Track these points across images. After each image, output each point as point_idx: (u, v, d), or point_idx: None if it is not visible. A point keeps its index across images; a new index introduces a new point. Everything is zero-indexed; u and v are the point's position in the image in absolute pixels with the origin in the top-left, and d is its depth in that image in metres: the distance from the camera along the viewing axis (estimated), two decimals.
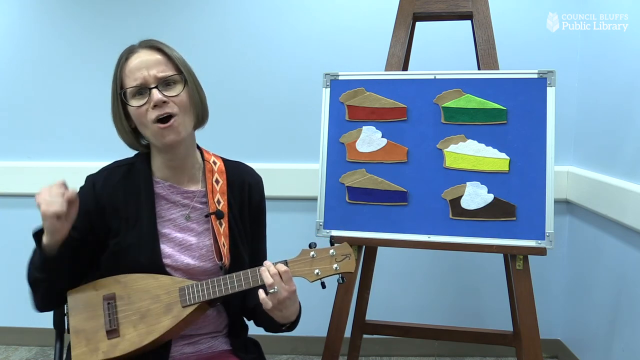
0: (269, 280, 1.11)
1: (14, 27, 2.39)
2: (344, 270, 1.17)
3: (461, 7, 1.70)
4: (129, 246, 1.19)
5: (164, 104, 1.14)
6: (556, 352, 2.41)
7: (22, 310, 2.60)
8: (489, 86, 1.56)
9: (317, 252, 1.17)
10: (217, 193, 1.26)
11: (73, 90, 2.39)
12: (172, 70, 1.18)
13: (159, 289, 1.17)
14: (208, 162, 1.29)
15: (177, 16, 2.34)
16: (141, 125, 1.18)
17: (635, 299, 1.82)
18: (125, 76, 1.18)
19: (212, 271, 1.24)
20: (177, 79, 1.18)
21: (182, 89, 1.18)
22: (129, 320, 1.17)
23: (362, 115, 1.63)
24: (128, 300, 1.18)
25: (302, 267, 1.16)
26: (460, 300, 2.43)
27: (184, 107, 1.18)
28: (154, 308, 1.16)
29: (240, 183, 1.31)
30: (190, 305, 1.16)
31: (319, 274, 1.16)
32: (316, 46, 2.32)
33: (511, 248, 1.51)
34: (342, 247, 1.18)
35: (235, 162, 1.35)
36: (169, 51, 1.20)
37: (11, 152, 2.44)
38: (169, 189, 1.24)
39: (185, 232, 1.24)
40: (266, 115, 2.36)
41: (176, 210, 1.24)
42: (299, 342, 2.45)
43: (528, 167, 1.51)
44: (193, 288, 1.16)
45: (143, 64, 1.16)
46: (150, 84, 1.15)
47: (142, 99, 1.16)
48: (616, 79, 1.96)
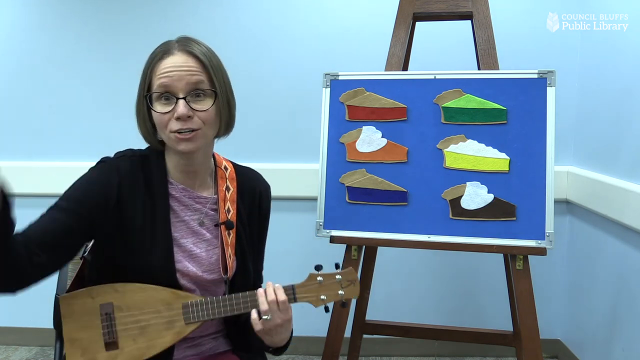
0: (264, 306, 1.10)
1: (14, 27, 2.39)
2: (348, 296, 1.19)
3: (461, 7, 1.70)
4: (142, 246, 1.14)
5: (189, 118, 1.09)
6: (556, 352, 2.41)
7: (22, 310, 2.62)
8: (489, 86, 1.56)
9: (324, 277, 1.18)
10: (227, 201, 1.24)
11: (73, 90, 2.39)
12: (205, 80, 1.11)
13: (160, 302, 1.13)
14: (220, 167, 1.26)
15: (176, 16, 2.34)
16: (160, 129, 1.13)
17: (635, 299, 1.82)
18: (155, 77, 1.11)
19: (217, 281, 1.22)
20: (208, 92, 1.11)
21: (212, 104, 1.11)
22: (128, 334, 1.13)
23: (362, 115, 1.63)
24: (127, 311, 1.13)
25: (309, 293, 1.17)
26: (460, 300, 2.43)
27: (210, 122, 1.12)
28: (155, 322, 1.13)
29: (251, 191, 1.28)
30: (193, 323, 1.14)
31: (324, 299, 1.18)
32: (316, 46, 2.32)
33: (511, 248, 1.51)
34: (348, 273, 1.19)
35: (245, 167, 1.33)
36: (205, 59, 1.12)
37: (11, 152, 2.44)
38: (182, 192, 1.20)
39: (196, 237, 1.20)
40: (266, 115, 2.36)
41: (189, 213, 1.20)
42: (299, 342, 2.45)
43: (528, 167, 1.51)
44: (197, 306, 1.14)
45: (175, 70, 1.09)
46: (179, 93, 1.09)
47: (167, 106, 1.09)
48: (616, 79, 1.96)
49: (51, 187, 2.35)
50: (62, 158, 2.42)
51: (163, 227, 1.16)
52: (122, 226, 1.14)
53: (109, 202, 1.12)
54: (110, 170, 1.14)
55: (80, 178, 1.14)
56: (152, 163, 1.19)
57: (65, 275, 1.32)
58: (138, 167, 1.17)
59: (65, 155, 2.42)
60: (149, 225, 1.15)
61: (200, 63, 1.11)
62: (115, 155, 1.20)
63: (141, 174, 1.16)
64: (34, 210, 1.08)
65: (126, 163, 1.16)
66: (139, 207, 1.14)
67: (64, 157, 2.41)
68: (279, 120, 2.36)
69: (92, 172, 1.15)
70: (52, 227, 1.06)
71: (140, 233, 1.14)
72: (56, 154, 2.42)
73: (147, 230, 1.15)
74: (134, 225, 1.14)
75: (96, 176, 1.14)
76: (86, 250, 1.26)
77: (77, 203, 1.09)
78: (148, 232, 1.15)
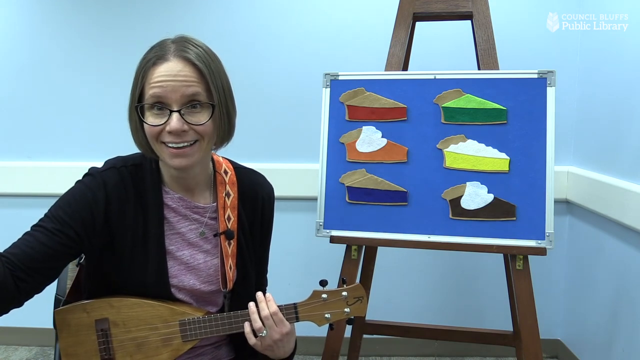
0: (257, 324, 1.06)
1: (14, 26, 2.39)
2: (354, 314, 1.12)
3: (461, 7, 1.70)
4: (134, 263, 1.09)
5: (183, 132, 1.00)
6: (556, 352, 2.41)
7: (22, 310, 2.60)
8: (489, 86, 1.56)
9: (328, 294, 1.11)
10: (227, 208, 1.17)
11: (73, 90, 2.39)
12: (202, 92, 1.02)
13: (157, 319, 1.10)
14: (219, 172, 1.19)
15: (176, 16, 2.34)
16: (152, 141, 1.04)
17: (635, 299, 1.82)
18: (147, 86, 1.01)
19: (216, 293, 1.18)
20: (205, 104, 1.02)
21: (209, 118, 1.02)
22: (125, 351, 1.11)
23: (362, 115, 1.63)
24: (124, 327, 1.10)
25: (313, 311, 1.11)
26: (460, 300, 2.43)
27: (207, 136, 1.04)
28: (152, 339, 1.11)
29: (253, 196, 1.22)
30: (191, 341, 1.12)
31: (329, 317, 1.11)
32: (316, 46, 2.32)
33: (511, 248, 1.51)
34: (355, 289, 1.12)
35: (247, 169, 1.25)
36: (203, 66, 1.02)
37: (11, 152, 2.44)
38: (179, 202, 1.13)
39: (194, 249, 1.15)
40: (266, 116, 2.36)
41: (186, 224, 1.14)
42: (299, 342, 2.44)
43: (528, 167, 1.51)
44: (195, 324, 1.11)
45: (170, 79, 0.99)
46: (172, 105, 0.99)
47: (160, 117, 1.01)
48: (616, 79, 1.96)
49: (51, 187, 2.35)
50: (62, 158, 2.42)
51: (156, 241, 1.10)
52: (113, 243, 1.09)
53: (96, 220, 1.06)
54: (97, 186, 1.07)
55: (66, 194, 1.07)
56: (145, 172, 1.12)
57: (65, 275, 1.32)
58: (128, 178, 1.10)
59: (65, 155, 2.42)
60: (141, 241, 1.10)
61: (198, 71, 1.01)
62: (104, 165, 1.12)
63: (132, 185, 1.09)
64: (34, 210, 1.08)
65: (114, 175, 1.09)
66: (129, 222, 1.09)
67: (64, 157, 2.41)
68: (279, 120, 2.36)
69: (78, 187, 1.08)
70: (38, 251, 1.00)
71: (132, 250, 1.09)
72: (56, 154, 2.42)
73: (139, 247, 1.09)
74: (124, 242, 1.09)
75: (82, 193, 1.07)
76: (82, 257, 1.24)
77: (63, 224, 1.03)
78: (140, 248, 1.09)
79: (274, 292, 1.56)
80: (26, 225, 1.06)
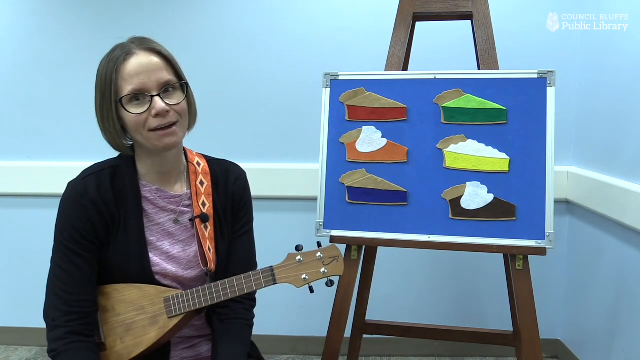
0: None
1: (14, 26, 2.39)
2: (332, 273, 1.13)
3: (461, 7, 1.70)
4: (117, 254, 1.16)
5: (167, 112, 1.10)
6: (556, 352, 2.41)
7: (22, 310, 2.62)
8: (489, 86, 1.56)
9: (303, 255, 1.14)
10: (201, 195, 1.23)
11: (73, 90, 2.39)
12: (172, 75, 1.14)
13: (144, 299, 1.14)
14: (192, 163, 1.26)
15: (176, 16, 2.34)
16: (136, 130, 1.12)
17: (635, 299, 1.82)
18: (122, 80, 1.10)
19: (200, 277, 1.23)
20: (177, 85, 1.14)
21: (184, 97, 1.14)
22: (115, 333, 1.15)
23: (362, 115, 1.63)
24: (113, 312, 1.15)
25: (289, 273, 1.13)
26: (460, 300, 2.43)
27: (185, 114, 1.15)
28: (140, 319, 1.14)
29: (225, 181, 1.28)
30: (176, 316, 1.14)
31: (306, 279, 1.13)
32: (316, 46, 2.32)
33: (511, 248, 1.51)
34: (330, 249, 1.14)
35: (219, 160, 1.32)
36: (167, 54, 1.15)
37: (11, 152, 2.44)
38: (156, 193, 1.20)
39: (172, 238, 1.21)
40: (266, 116, 2.36)
41: (164, 215, 1.21)
42: (299, 342, 2.45)
43: (528, 167, 1.51)
44: (178, 298, 1.14)
45: (143, 69, 1.09)
46: (152, 90, 1.10)
47: (142, 106, 1.10)
48: (616, 79, 1.96)
49: (51, 187, 2.35)
50: (62, 158, 2.41)
51: (137, 233, 1.17)
52: (107, 240, 1.16)
53: (93, 222, 1.14)
54: (80, 196, 1.14)
55: (59, 218, 1.15)
56: (122, 171, 1.19)
57: None
58: (107, 180, 1.17)
59: (65, 155, 2.41)
60: (124, 234, 1.16)
61: (164, 58, 1.13)
62: (81, 174, 1.18)
63: (110, 186, 1.16)
64: (34, 210, 1.08)
65: (92, 180, 1.16)
66: (111, 221, 1.16)
67: (64, 157, 2.41)
68: (279, 120, 2.36)
69: (65, 206, 1.15)
70: (82, 279, 1.13)
71: (115, 242, 1.16)
72: (56, 154, 2.42)
73: (122, 240, 1.16)
74: (109, 236, 1.16)
75: (71, 208, 1.14)
76: None
77: (77, 243, 1.13)
78: (123, 241, 1.16)
79: (274, 291, 1.56)
80: (26, 225, 1.07)
